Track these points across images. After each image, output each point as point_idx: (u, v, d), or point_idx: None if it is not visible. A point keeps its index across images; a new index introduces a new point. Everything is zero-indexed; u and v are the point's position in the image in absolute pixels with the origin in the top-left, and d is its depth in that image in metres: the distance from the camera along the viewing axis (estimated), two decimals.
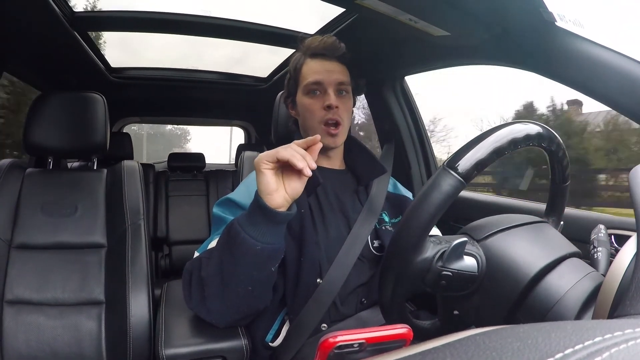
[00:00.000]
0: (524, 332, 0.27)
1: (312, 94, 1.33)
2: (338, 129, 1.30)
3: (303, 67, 1.36)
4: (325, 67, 1.33)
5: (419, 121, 2.21)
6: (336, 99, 1.29)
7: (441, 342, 0.31)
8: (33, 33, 1.86)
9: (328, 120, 1.29)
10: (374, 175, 1.37)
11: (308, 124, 1.35)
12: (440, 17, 1.19)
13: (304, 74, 1.35)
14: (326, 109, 1.29)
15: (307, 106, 1.33)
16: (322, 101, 1.30)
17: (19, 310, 1.43)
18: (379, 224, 1.31)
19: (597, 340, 0.24)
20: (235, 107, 3.93)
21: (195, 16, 2.14)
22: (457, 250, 0.73)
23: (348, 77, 1.35)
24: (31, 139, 1.70)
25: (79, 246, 1.60)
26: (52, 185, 1.70)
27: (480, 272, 0.74)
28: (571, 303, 0.66)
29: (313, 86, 1.32)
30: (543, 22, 1.07)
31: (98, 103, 1.79)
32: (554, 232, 0.81)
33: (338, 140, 1.32)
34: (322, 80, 1.31)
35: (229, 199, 1.25)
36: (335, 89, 1.31)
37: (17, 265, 1.50)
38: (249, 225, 0.99)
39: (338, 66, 1.34)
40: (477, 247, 0.76)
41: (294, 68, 1.40)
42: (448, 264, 0.73)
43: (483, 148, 0.70)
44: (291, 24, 2.20)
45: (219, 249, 1.05)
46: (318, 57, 1.35)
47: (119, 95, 2.97)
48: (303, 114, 1.36)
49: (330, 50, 1.34)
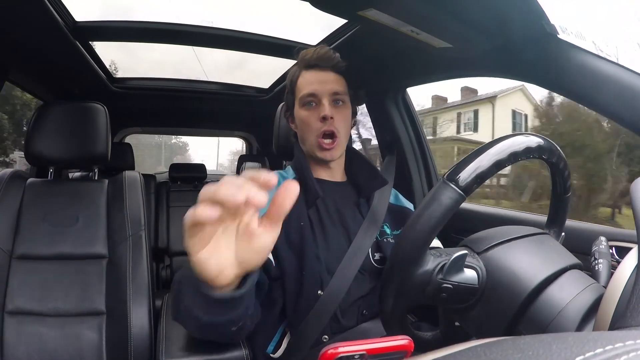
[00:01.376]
0: (525, 344, 0.27)
1: (308, 106, 1.32)
2: (334, 143, 1.29)
3: (299, 79, 1.36)
4: (320, 78, 1.32)
5: (420, 132, 2.20)
6: (331, 110, 1.28)
7: (442, 353, 0.31)
8: (35, 42, 1.86)
9: (324, 132, 1.28)
10: (375, 187, 1.36)
11: (305, 136, 1.34)
12: (442, 28, 1.19)
13: (299, 86, 1.35)
14: (322, 121, 1.28)
15: (304, 119, 1.32)
16: (318, 113, 1.29)
17: (20, 321, 1.43)
18: (381, 236, 1.30)
19: (598, 351, 0.24)
20: (236, 118, 3.92)
21: (198, 27, 2.15)
22: (458, 263, 0.73)
23: (344, 86, 1.35)
24: (33, 149, 1.70)
25: (80, 257, 1.60)
26: (53, 196, 1.70)
27: (480, 285, 0.74)
28: (572, 315, 0.66)
29: (308, 98, 1.31)
30: (545, 35, 1.08)
31: (99, 113, 1.80)
32: (554, 243, 0.80)
33: (335, 153, 1.31)
34: (316, 92, 1.30)
35: None
36: (331, 99, 1.31)
37: (18, 275, 1.50)
38: (189, 298, 0.82)
39: (333, 76, 1.33)
40: (478, 259, 0.76)
41: (290, 81, 1.40)
42: (448, 277, 0.73)
43: (484, 161, 0.71)
44: (293, 36, 2.20)
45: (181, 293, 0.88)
46: (313, 68, 1.35)
47: (120, 105, 2.97)
48: (300, 127, 1.36)
49: (324, 60, 1.33)
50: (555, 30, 1.06)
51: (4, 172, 1.69)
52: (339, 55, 1.36)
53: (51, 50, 2.02)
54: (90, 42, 2.18)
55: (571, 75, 1.07)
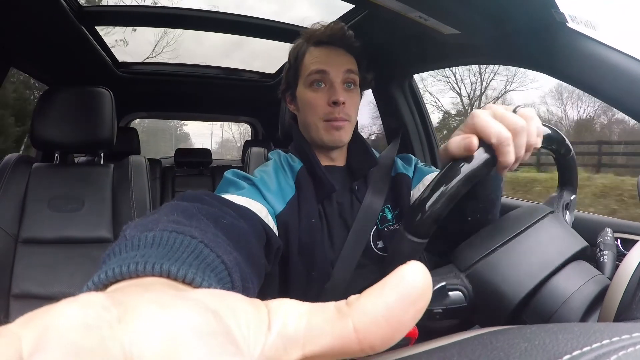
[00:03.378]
0: (531, 333, 0.27)
1: (315, 86, 1.16)
2: (344, 122, 1.14)
3: (305, 55, 1.20)
4: (332, 55, 1.17)
5: (426, 119, 2.20)
6: (344, 94, 1.13)
7: (448, 341, 0.31)
8: (40, 27, 1.86)
9: (333, 119, 1.14)
10: (366, 168, 1.23)
11: (309, 120, 1.18)
12: (450, 15, 1.18)
13: (306, 63, 1.19)
14: (332, 105, 1.13)
15: (310, 100, 1.16)
16: (328, 96, 1.14)
17: (25, 304, 1.44)
18: (381, 224, 1.19)
19: (604, 342, 0.24)
20: (242, 103, 3.91)
21: (202, 11, 2.14)
22: (441, 293, 0.72)
23: (356, 67, 1.20)
24: (38, 134, 1.70)
25: (86, 241, 1.61)
26: (58, 180, 1.71)
27: (469, 302, 0.73)
28: (576, 305, 0.65)
29: (316, 76, 1.15)
30: (554, 23, 1.06)
31: (105, 98, 1.80)
32: (556, 230, 0.76)
33: (343, 135, 1.16)
34: (328, 69, 1.14)
35: (245, 175, 1.06)
36: (343, 79, 1.16)
37: (23, 259, 1.51)
38: None
39: (345, 54, 1.19)
40: (462, 278, 0.75)
41: (294, 57, 1.23)
42: (435, 305, 0.73)
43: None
44: (299, 20, 2.19)
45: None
46: (323, 45, 1.19)
47: (126, 90, 2.97)
48: (303, 109, 1.20)
49: (338, 37, 1.19)
50: (564, 19, 1.04)
51: (9, 157, 1.70)
52: (353, 34, 1.22)
53: (56, 36, 2.02)
54: (95, 27, 2.17)
55: (579, 64, 1.06)
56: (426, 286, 0.22)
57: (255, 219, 0.84)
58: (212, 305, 0.22)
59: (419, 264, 0.22)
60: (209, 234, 0.46)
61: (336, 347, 0.22)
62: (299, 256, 1.06)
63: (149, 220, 0.46)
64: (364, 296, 0.22)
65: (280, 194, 1.07)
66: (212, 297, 0.23)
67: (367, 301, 0.22)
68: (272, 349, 0.22)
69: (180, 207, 0.57)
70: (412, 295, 0.21)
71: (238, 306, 0.23)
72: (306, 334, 0.22)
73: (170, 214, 0.51)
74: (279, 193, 1.07)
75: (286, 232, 1.03)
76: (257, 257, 0.66)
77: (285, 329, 0.22)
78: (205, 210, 0.60)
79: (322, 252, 1.09)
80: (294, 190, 1.11)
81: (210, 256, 0.41)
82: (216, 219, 0.59)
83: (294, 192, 1.10)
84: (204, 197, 0.68)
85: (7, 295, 1.44)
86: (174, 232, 0.42)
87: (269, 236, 0.85)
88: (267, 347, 0.22)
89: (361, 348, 0.22)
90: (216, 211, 0.63)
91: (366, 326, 0.21)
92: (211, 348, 0.19)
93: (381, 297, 0.22)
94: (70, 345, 0.17)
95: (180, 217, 0.51)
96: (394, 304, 0.21)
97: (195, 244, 0.41)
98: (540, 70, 1.23)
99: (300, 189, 1.11)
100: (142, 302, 0.21)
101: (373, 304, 0.22)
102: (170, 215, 0.50)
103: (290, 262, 1.06)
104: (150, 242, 0.40)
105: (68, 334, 0.18)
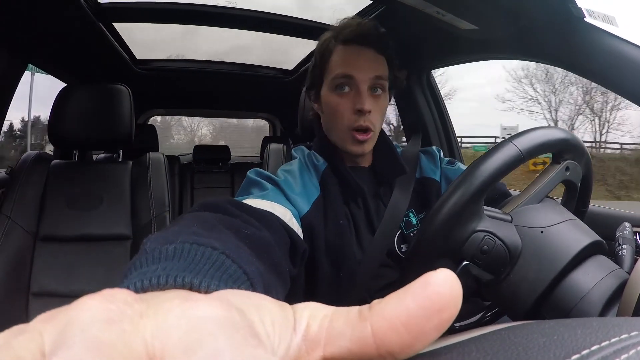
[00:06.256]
0: (550, 328, 0.26)
1: (340, 90, 1.11)
2: (368, 135, 1.10)
3: (332, 54, 1.13)
4: (360, 58, 1.10)
5: (444, 114, 2.19)
6: (370, 102, 1.08)
7: (466, 336, 0.30)
8: (58, 25, 1.86)
9: (358, 127, 1.09)
10: (394, 175, 1.19)
11: (334, 127, 1.15)
12: (468, 10, 1.18)
13: (332, 63, 1.13)
14: (357, 113, 1.08)
15: (334, 106, 1.12)
16: (353, 103, 1.09)
17: (45, 302, 1.45)
18: (406, 229, 1.16)
19: (623, 337, 0.23)
20: (260, 100, 3.91)
21: (221, 7, 2.14)
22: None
23: (386, 69, 1.14)
24: (56, 131, 1.71)
25: (105, 238, 1.62)
26: (77, 178, 1.72)
27: (513, 256, 0.75)
28: (595, 300, 0.67)
29: (342, 80, 1.10)
30: (572, 17, 1.07)
31: (123, 94, 1.80)
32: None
33: (367, 147, 1.13)
34: (354, 74, 1.09)
35: (268, 175, 1.06)
36: (370, 85, 1.10)
37: (42, 257, 1.52)
38: None
39: (375, 56, 1.12)
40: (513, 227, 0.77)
41: (320, 55, 1.17)
42: (494, 230, 0.75)
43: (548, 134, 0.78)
44: (316, 16, 2.18)
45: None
46: (351, 44, 1.12)
47: (144, 87, 2.98)
48: (327, 113, 1.16)
49: (368, 37, 1.12)
50: (582, 14, 1.05)
51: (28, 154, 1.71)
52: (385, 32, 1.15)
53: (74, 32, 2.02)
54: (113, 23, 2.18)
55: (597, 59, 1.07)
56: (454, 295, 0.21)
57: (278, 225, 0.82)
58: (236, 302, 0.22)
59: (449, 271, 0.21)
60: (230, 245, 0.46)
61: (354, 350, 0.22)
62: (325, 257, 1.04)
63: (169, 233, 0.45)
64: (386, 300, 0.22)
65: (305, 195, 1.05)
66: (237, 295, 0.24)
67: (387, 306, 0.22)
68: (296, 350, 0.22)
69: (201, 217, 0.56)
70: (437, 304, 0.21)
71: (263, 304, 0.23)
72: (327, 335, 0.22)
73: (191, 226, 0.50)
74: (303, 194, 1.05)
75: (311, 234, 1.01)
76: (281, 265, 0.64)
77: (309, 330, 0.22)
78: (226, 221, 0.60)
79: (350, 253, 1.07)
80: (318, 190, 1.09)
81: (232, 267, 0.41)
82: (237, 229, 0.58)
83: (319, 193, 1.09)
84: (225, 205, 0.67)
85: (26, 293, 1.44)
86: (195, 244, 0.41)
87: (293, 240, 0.84)
88: (292, 347, 0.22)
89: (379, 353, 0.21)
90: (237, 221, 0.62)
91: (384, 331, 0.21)
92: (233, 339, 0.19)
93: (402, 303, 0.21)
94: (92, 340, 0.17)
95: (200, 228, 0.50)
96: (415, 311, 0.21)
97: (217, 255, 0.41)
98: (556, 64, 1.25)
99: (325, 189, 1.10)
100: (165, 299, 0.22)
101: (393, 308, 0.21)
102: (191, 227, 0.50)
103: (316, 262, 1.05)
104: (171, 254, 0.40)
105: (90, 329, 0.18)
